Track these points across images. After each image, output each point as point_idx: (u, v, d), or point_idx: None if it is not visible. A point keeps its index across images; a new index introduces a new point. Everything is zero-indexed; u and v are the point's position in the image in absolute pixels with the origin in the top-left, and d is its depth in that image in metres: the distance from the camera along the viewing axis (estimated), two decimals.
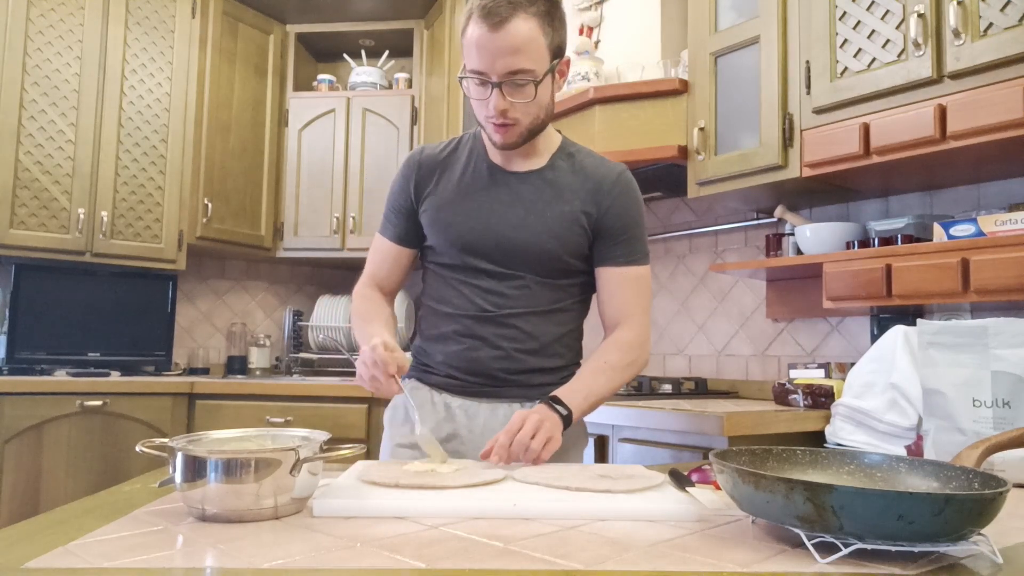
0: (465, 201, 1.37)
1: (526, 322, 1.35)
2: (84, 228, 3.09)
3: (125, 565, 0.65)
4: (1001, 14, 1.61)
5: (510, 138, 1.29)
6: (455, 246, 1.36)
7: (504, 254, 1.34)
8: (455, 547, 0.72)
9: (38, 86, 3.00)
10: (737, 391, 2.55)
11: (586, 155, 1.42)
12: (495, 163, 1.39)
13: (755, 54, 2.13)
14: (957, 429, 1.23)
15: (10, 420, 2.69)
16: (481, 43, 1.20)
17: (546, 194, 1.36)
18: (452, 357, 1.38)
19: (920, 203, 2.14)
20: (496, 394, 1.37)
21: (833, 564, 0.68)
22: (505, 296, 1.35)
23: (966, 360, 1.23)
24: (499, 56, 1.20)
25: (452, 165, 1.41)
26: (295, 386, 3.06)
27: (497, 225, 1.34)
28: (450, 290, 1.39)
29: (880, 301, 1.84)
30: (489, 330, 1.35)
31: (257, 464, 0.81)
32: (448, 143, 1.45)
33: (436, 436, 1.34)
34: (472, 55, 1.23)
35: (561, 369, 1.41)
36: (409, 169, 1.42)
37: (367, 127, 3.68)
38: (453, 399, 1.38)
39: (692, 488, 0.98)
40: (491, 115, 1.26)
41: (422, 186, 1.41)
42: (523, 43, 1.20)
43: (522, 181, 1.37)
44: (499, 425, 1.35)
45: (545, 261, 1.35)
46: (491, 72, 1.22)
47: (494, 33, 1.19)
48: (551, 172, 1.38)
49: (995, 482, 0.74)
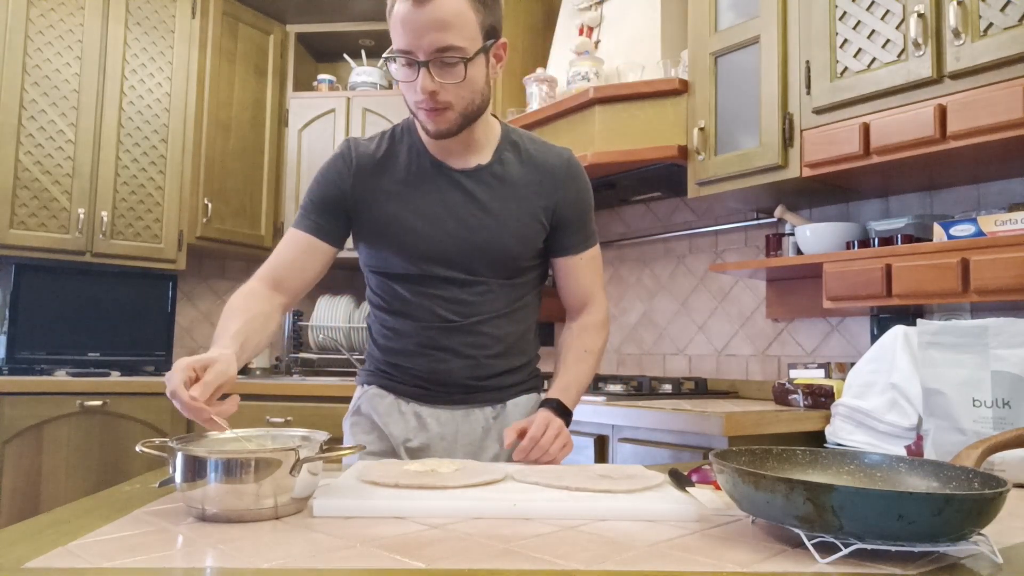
0: (415, 207, 1.29)
1: (492, 326, 1.32)
2: (84, 228, 3.09)
3: (125, 565, 0.65)
4: (1001, 14, 1.61)
5: (442, 124, 1.20)
6: (412, 256, 1.29)
7: (465, 259, 1.29)
8: (455, 547, 0.72)
9: (38, 86, 3.00)
10: (737, 391, 2.55)
11: (529, 141, 1.36)
12: (438, 159, 1.30)
13: (755, 54, 2.13)
14: (957, 429, 1.23)
15: (10, 420, 2.69)
16: (407, 19, 1.12)
17: (500, 192, 1.30)
18: (420, 369, 1.33)
19: (920, 203, 2.14)
20: (467, 400, 1.34)
21: (833, 564, 0.68)
22: (468, 303, 1.30)
23: (966, 360, 1.23)
24: (425, 32, 1.12)
25: (392, 165, 1.31)
26: (295, 386, 3.06)
27: (455, 230, 1.28)
28: (407, 302, 1.32)
29: (880, 301, 1.84)
30: (456, 339, 1.30)
31: (257, 464, 0.81)
32: (380, 138, 1.35)
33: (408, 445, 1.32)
34: (398, 33, 1.14)
35: (527, 366, 1.40)
36: (344, 165, 1.32)
37: (367, 127, 3.68)
38: (423, 408, 1.34)
39: (692, 488, 0.98)
40: (420, 99, 1.17)
41: (360, 187, 1.30)
42: (450, 17, 1.12)
43: (473, 180, 1.30)
44: (471, 431, 1.33)
45: (507, 262, 1.31)
46: (417, 50, 1.14)
47: (420, 8, 1.11)
48: (500, 167, 1.31)
49: (995, 482, 0.74)
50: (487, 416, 1.34)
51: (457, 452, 1.32)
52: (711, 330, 2.69)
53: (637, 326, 2.94)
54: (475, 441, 1.33)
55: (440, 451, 1.32)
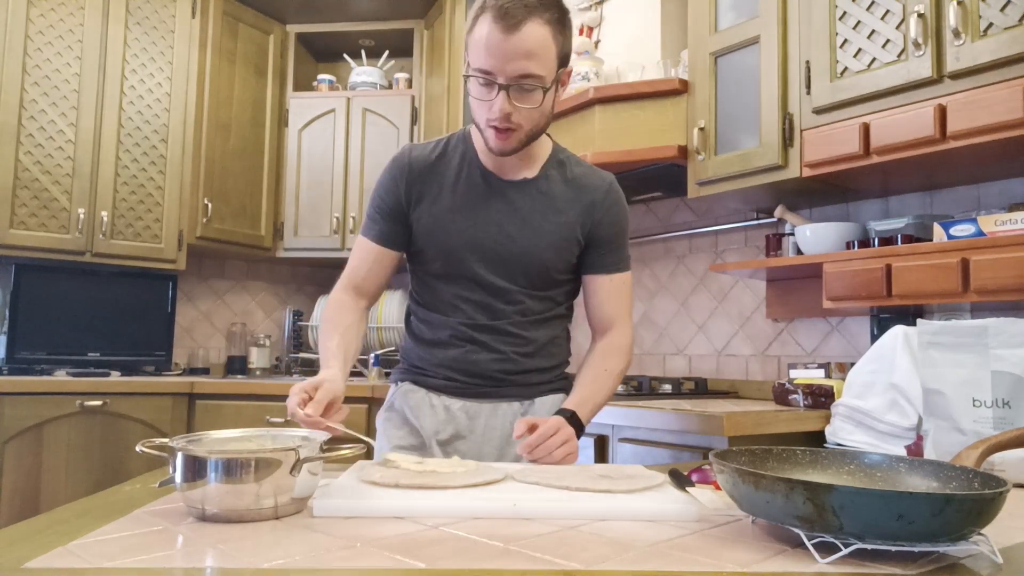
0: (462, 211, 1.35)
1: (522, 329, 1.37)
2: (84, 228, 3.09)
3: (125, 565, 0.65)
4: (1001, 14, 1.61)
5: (509, 144, 1.27)
6: (451, 256, 1.35)
7: (500, 266, 1.34)
8: (455, 547, 0.72)
9: (38, 86, 3.00)
10: (737, 391, 2.55)
11: (575, 164, 1.42)
12: (488, 169, 1.36)
13: (755, 54, 2.13)
14: (957, 429, 1.23)
15: (10, 420, 2.69)
16: (492, 43, 1.17)
17: (541, 205, 1.35)
18: (450, 360, 1.38)
19: (920, 203, 2.14)
20: (496, 394, 1.38)
21: (833, 564, 0.68)
22: (500, 307, 1.36)
23: (966, 360, 1.23)
24: (511, 59, 1.18)
25: (443, 169, 1.38)
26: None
27: (495, 236, 1.34)
28: (443, 299, 1.38)
29: (880, 301, 1.84)
30: (486, 336, 1.36)
31: (257, 464, 0.81)
32: (436, 144, 1.41)
33: (439, 438, 1.37)
34: (481, 54, 1.20)
35: (556, 368, 1.45)
36: (399, 170, 1.38)
37: (367, 127, 3.68)
38: (453, 401, 1.39)
39: (692, 488, 0.98)
40: (493, 118, 1.23)
41: (413, 190, 1.37)
42: (536, 48, 1.18)
43: (518, 191, 1.36)
44: (501, 424, 1.37)
45: (540, 272, 1.36)
46: (500, 74, 1.19)
47: (508, 35, 1.17)
48: (545, 182, 1.37)
49: (995, 482, 0.74)
50: (515, 411, 1.38)
51: (485, 446, 1.36)
52: (711, 330, 2.69)
53: (637, 326, 2.94)
54: (504, 436, 1.37)
55: (469, 444, 1.36)
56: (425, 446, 1.38)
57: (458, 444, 1.37)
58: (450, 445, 1.37)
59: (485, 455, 1.36)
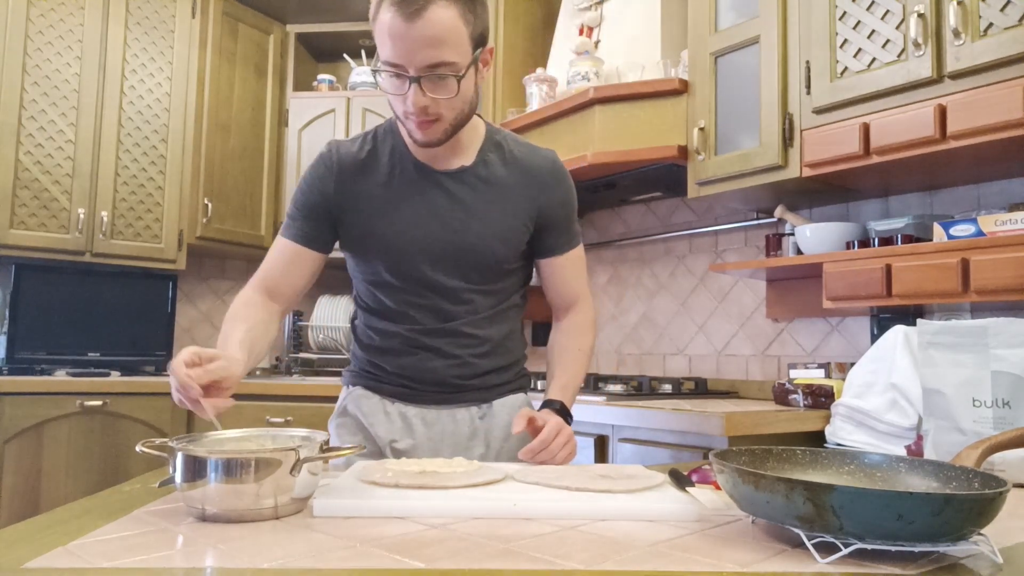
0: (399, 208, 1.27)
1: (475, 328, 1.31)
2: (84, 228, 3.09)
3: (125, 565, 0.65)
4: (1001, 14, 1.61)
5: (432, 135, 1.18)
6: (393, 258, 1.27)
7: (448, 263, 1.27)
8: (455, 547, 0.72)
9: (38, 86, 3.00)
10: (737, 391, 2.55)
11: (514, 143, 1.34)
12: (421, 161, 1.28)
13: (755, 54, 2.13)
14: (957, 429, 1.23)
15: (10, 420, 2.69)
16: (396, 33, 1.08)
17: (485, 194, 1.28)
18: (404, 368, 1.32)
19: (920, 203, 2.14)
20: (453, 400, 1.32)
21: (833, 564, 0.68)
22: (451, 307, 1.29)
23: (966, 360, 1.23)
24: (417, 48, 1.08)
25: (374, 167, 1.29)
26: (295, 386, 3.06)
27: (438, 233, 1.26)
28: (389, 303, 1.31)
29: (880, 301, 1.84)
30: (440, 340, 1.30)
31: (257, 464, 0.81)
32: (363, 139, 1.32)
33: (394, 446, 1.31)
34: (386, 45, 1.10)
35: (514, 365, 1.40)
36: (326, 169, 1.30)
37: (367, 127, 3.67)
38: (408, 408, 1.33)
39: (692, 488, 0.98)
40: (411, 111, 1.15)
41: (343, 191, 1.28)
42: (443, 33, 1.09)
43: (456, 181, 1.28)
44: (459, 431, 1.32)
45: (491, 264, 1.29)
46: (408, 65, 1.10)
47: (410, 23, 1.07)
48: (484, 168, 1.29)
49: (995, 482, 0.74)
50: (473, 416, 1.33)
51: (442, 452, 1.31)
52: (711, 330, 2.69)
53: (637, 326, 2.94)
54: (461, 442, 1.32)
55: (426, 452, 1.31)
56: (381, 454, 1.32)
57: (414, 452, 1.31)
58: (406, 453, 1.31)
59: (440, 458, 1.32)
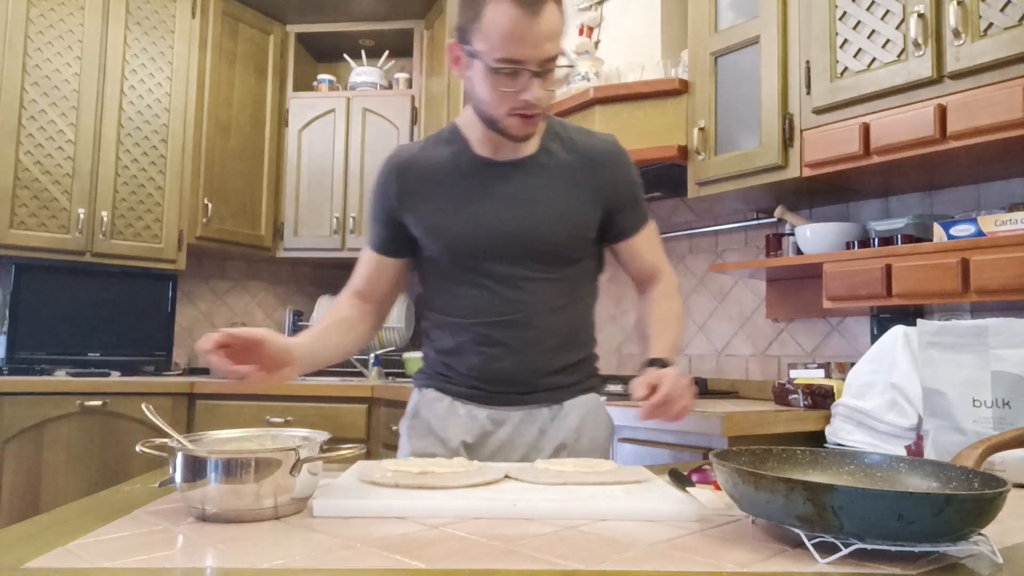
0: (459, 203, 1.28)
1: (544, 320, 1.30)
2: (84, 228, 3.09)
3: (125, 565, 0.65)
4: (1001, 14, 1.61)
5: (532, 128, 1.22)
6: (457, 252, 1.28)
7: (510, 251, 1.27)
8: (455, 547, 0.72)
9: (38, 86, 3.01)
10: (737, 391, 2.55)
11: (573, 130, 1.36)
12: (484, 156, 1.30)
13: (755, 54, 2.13)
14: (957, 429, 1.23)
15: (10, 420, 2.69)
16: (519, 29, 1.12)
17: (547, 180, 1.29)
18: (474, 369, 1.31)
19: (920, 203, 2.14)
20: (524, 401, 1.32)
21: (833, 564, 0.68)
22: (518, 298, 1.28)
23: (966, 360, 1.23)
24: (539, 43, 1.13)
25: (434, 166, 1.31)
26: (295, 386, 3.06)
27: (501, 223, 1.27)
28: (457, 299, 1.31)
29: (880, 301, 1.84)
30: (508, 334, 1.29)
31: (257, 464, 0.81)
32: (425, 141, 1.36)
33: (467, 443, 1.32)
34: (504, 43, 1.13)
35: (584, 363, 1.38)
36: (389, 175, 1.33)
37: (367, 127, 3.68)
38: (480, 409, 1.32)
39: (692, 488, 0.98)
40: (519, 106, 1.17)
41: (406, 192, 1.31)
42: (557, 27, 1.16)
43: (519, 171, 1.29)
44: (530, 431, 1.32)
45: (556, 251, 1.29)
46: (530, 60, 1.14)
47: (534, 19, 1.12)
48: (546, 156, 1.31)
49: (995, 482, 0.74)
50: (544, 417, 1.33)
51: (513, 454, 1.31)
52: (711, 330, 2.69)
53: (637, 326, 2.94)
54: (532, 443, 1.32)
55: (497, 453, 1.31)
56: (453, 454, 1.31)
57: (484, 451, 1.32)
58: (475, 452, 1.31)
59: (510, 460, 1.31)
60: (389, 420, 2.91)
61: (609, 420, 1.42)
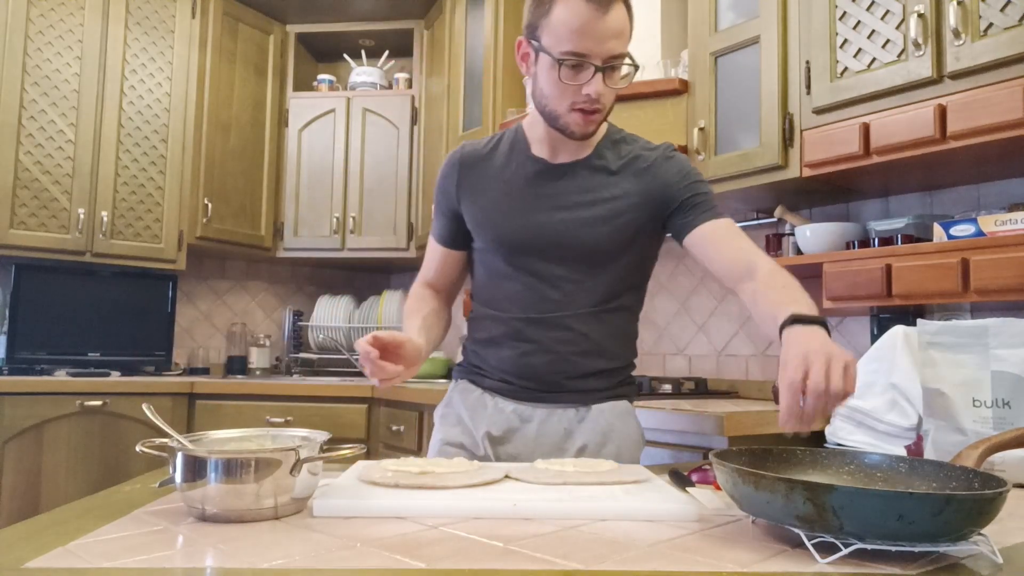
0: (509, 198, 1.33)
1: (579, 322, 1.31)
2: (84, 228, 3.09)
3: (125, 565, 0.65)
4: (1001, 14, 1.61)
5: (592, 126, 1.26)
6: (502, 246, 1.33)
7: (552, 251, 1.31)
8: (455, 547, 0.72)
9: (38, 86, 3.01)
10: (737, 391, 2.55)
11: (631, 140, 1.38)
12: (539, 156, 1.34)
13: (755, 54, 2.13)
14: (957, 429, 1.23)
15: (10, 420, 2.69)
16: (587, 23, 1.16)
17: (595, 185, 1.32)
18: (505, 362, 1.35)
19: (920, 203, 2.14)
20: (550, 399, 1.34)
21: (833, 564, 0.68)
22: (553, 299, 1.31)
23: (966, 360, 1.23)
24: (606, 38, 1.18)
25: (494, 162, 1.37)
26: (295, 386, 3.06)
27: (545, 221, 1.30)
28: (499, 292, 1.36)
29: (880, 301, 1.84)
30: (541, 333, 1.31)
31: (257, 464, 0.81)
32: (489, 139, 1.41)
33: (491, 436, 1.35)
34: (571, 36, 1.17)
35: (617, 371, 1.37)
36: (451, 168, 1.39)
37: (367, 127, 3.68)
38: (507, 403, 1.35)
39: (692, 488, 0.98)
40: (582, 101, 1.21)
41: (464, 185, 1.37)
42: (624, 26, 1.20)
43: (569, 173, 1.33)
44: (555, 431, 1.33)
45: (594, 255, 1.31)
46: (595, 56, 1.18)
47: (601, 15, 1.16)
48: (597, 159, 1.34)
49: (995, 482, 0.74)
50: (570, 418, 1.34)
51: (536, 451, 1.32)
52: (711, 330, 2.69)
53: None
54: (556, 442, 1.33)
55: (519, 447, 1.33)
56: (477, 446, 1.35)
57: (508, 447, 1.34)
58: (500, 446, 1.34)
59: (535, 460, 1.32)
60: (389, 420, 2.91)
61: (638, 429, 1.40)
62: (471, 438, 1.36)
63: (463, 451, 1.36)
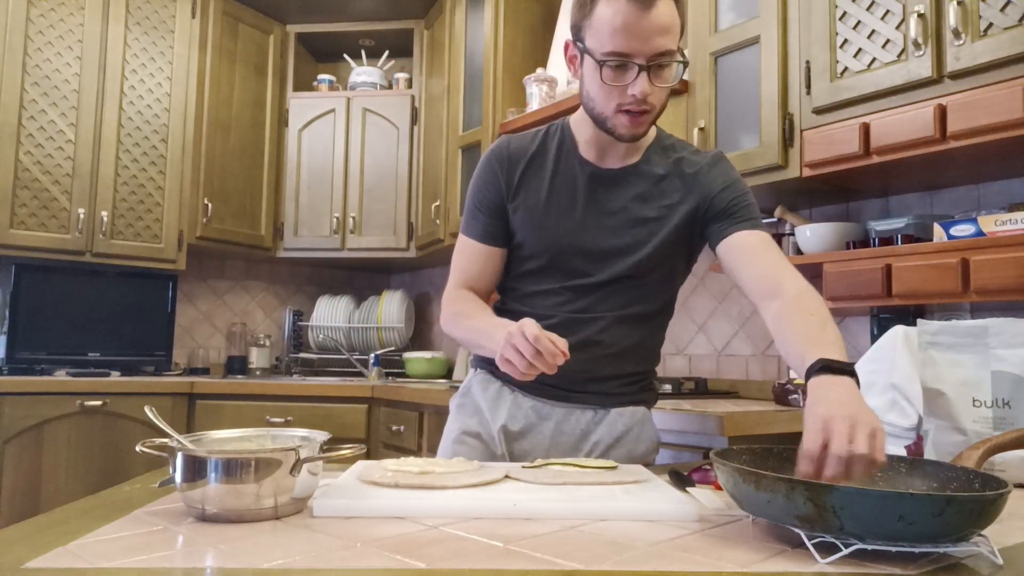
0: (558, 202, 1.31)
1: (610, 327, 1.30)
2: (84, 228, 3.09)
3: (125, 565, 0.65)
4: (1001, 14, 1.61)
5: (641, 127, 1.22)
6: (547, 249, 1.31)
7: (596, 257, 1.29)
8: (455, 547, 0.72)
9: (38, 86, 3.01)
10: (737, 391, 2.55)
11: (681, 147, 1.36)
12: (588, 160, 1.32)
13: (755, 54, 2.13)
14: (957, 429, 1.23)
15: (10, 420, 2.69)
16: (629, 22, 1.13)
17: (641, 189, 1.30)
18: None
19: (920, 203, 2.14)
20: (570, 399, 1.33)
21: (833, 564, 0.68)
22: (588, 303, 1.30)
23: (966, 360, 1.23)
24: (649, 37, 1.14)
25: (541, 161, 1.34)
26: (295, 386, 3.06)
27: (592, 227, 1.29)
28: (529, 289, 1.34)
29: (880, 301, 1.84)
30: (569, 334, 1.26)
31: (257, 464, 0.81)
32: (535, 135, 1.37)
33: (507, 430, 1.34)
34: (615, 37, 1.14)
35: (638, 376, 1.37)
36: (498, 163, 1.34)
37: (367, 127, 3.68)
38: (525, 399, 1.35)
39: (692, 488, 0.98)
40: (628, 102, 1.18)
41: (513, 182, 1.33)
42: (670, 23, 1.15)
43: (617, 180, 1.31)
44: (572, 431, 1.33)
45: (638, 264, 1.29)
46: (639, 54, 1.15)
47: (644, 12, 1.13)
48: (646, 166, 1.32)
49: (996, 483, 0.74)
50: (588, 419, 1.33)
51: (552, 450, 1.32)
52: (711, 330, 2.69)
53: None
54: (571, 441, 1.33)
55: (536, 444, 1.32)
56: (492, 437, 1.34)
57: (523, 443, 1.33)
58: (515, 441, 1.33)
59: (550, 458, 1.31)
60: (389, 420, 2.91)
61: (654, 435, 1.39)
62: (487, 430, 1.35)
63: (479, 441, 1.35)
